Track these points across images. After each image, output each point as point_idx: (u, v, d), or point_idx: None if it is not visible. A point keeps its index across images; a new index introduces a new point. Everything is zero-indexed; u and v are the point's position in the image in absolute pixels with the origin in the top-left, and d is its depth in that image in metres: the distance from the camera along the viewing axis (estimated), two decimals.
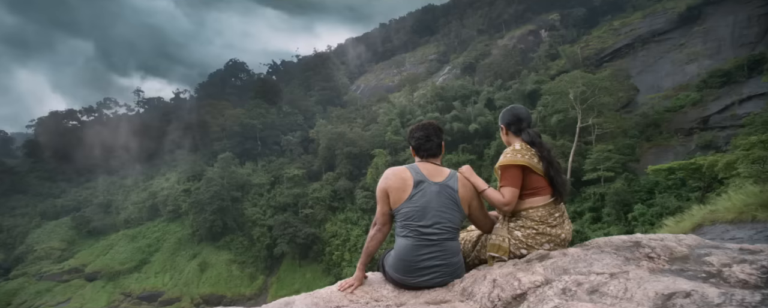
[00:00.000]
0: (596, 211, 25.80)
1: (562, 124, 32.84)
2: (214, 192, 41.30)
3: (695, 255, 1.82)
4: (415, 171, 2.23)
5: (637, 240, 2.09)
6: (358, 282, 2.30)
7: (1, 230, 47.83)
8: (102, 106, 78.99)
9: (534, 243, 2.24)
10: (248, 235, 41.52)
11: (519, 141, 2.38)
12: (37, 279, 40.51)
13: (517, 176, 2.24)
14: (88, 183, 56.15)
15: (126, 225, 46.60)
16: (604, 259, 1.86)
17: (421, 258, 2.13)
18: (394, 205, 2.21)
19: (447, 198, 2.18)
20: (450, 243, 2.20)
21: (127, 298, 36.72)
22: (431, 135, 2.32)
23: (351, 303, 2.13)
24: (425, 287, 2.18)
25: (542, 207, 2.24)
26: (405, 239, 2.18)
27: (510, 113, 2.47)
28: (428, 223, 2.14)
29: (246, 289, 37.25)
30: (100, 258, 41.19)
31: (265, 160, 51.98)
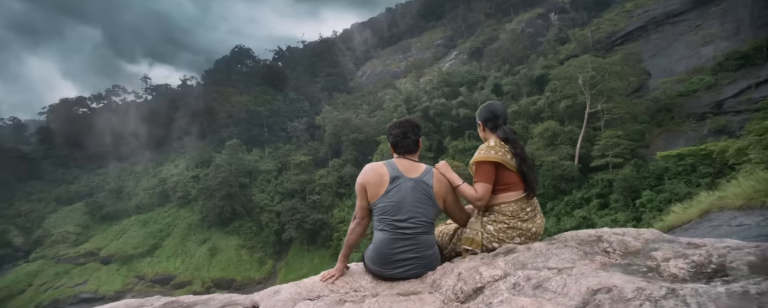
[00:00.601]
0: (604, 198, 25.61)
1: (571, 109, 32.33)
2: (223, 178, 41.82)
3: (646, 250, 1.93)
4: (392, 167, 2.32)
5: (599, 235, 2.20)
6: (340, 273, 2.41)
7: (19, 215, 49.29)
8: (111, 93, 79.73)
9: (505, 237, 2.33)
10: (257, 221, 42.17)
11: (494, 137, 2.45)
12: (55, 262, 41.88)
13: (490, 172, 2.32)
14: (100, 170, 57.26)
15: (137, 211, 47.65)
16: (563, 254, 1.98)
17: (397, 251, 2.23)
18: (371, 200, 2.30)
19: (422, 193, 2.27)
20: (424, 236, 2.29)
21: (140, 281, 37.86)
22: (408, 132, 2.39)
23: (331, 292, 2.27)
24: (401, 278, 2.28)
25: (514, 203, 2.33)
26: (381, 232, 2.28)
27: (486, 110, 2.53)
28: (403, 217, 2.23)
29: (255, 273, 38.08)
30: (113, 243, 42.35)
31: (272, 147, 52.29)
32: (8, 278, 40.35)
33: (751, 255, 1.56)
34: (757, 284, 1.30)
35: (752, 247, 1.65)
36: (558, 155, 28.91)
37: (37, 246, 45.07)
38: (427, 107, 43.83)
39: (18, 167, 55.86)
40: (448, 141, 41.25)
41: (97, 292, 37.06)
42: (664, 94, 30.31)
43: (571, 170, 27.46)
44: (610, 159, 26.19)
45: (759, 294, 1.24)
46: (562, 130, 31.06)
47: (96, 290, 37.22)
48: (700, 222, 6.55)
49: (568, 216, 26.20)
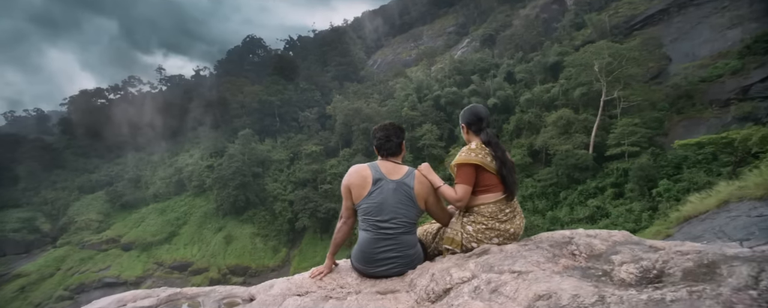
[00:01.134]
0: (619, 187, 25.08)
1: (586, 97, 31.54)
2: (236, 168, 42.51)
3: (609, 253, 2.02)
4: (375, 169, 2.40)
5: (572, 237, 2.30)
6: (328, 270, 2.53)
7: (45, 202, 51.31)
8: (127, 84, 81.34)
9: (483, 237, 2.42)
10: (270, 210, 42.87)
11: (477, 140, 2.51)
12: (80, 248, 43.68)
13: (470, 174, 2.39)
14: (119, 160, 58.92)
15: (155, 200, 49.01)
16: (532, 256, 2.06)
17: (379, 251, 2.33)
18: (355, 201, 2.39)
19: (403, 194, 2.35)
20: (406, 237, 2.38)
21: (159, 267, 39.18)
22: (391, 135, 2.47)
23: (319, 289, 2.40)
24: (384, 276, 2.38)
25: (493, 204, 2.41)
26: (365, 232, 2.39)
27: (470, 113, 2.58)
28: (385, 218, 2.33)
29: (269, 261, 38.91)
30: (133, 230, 43.80)
31: (283, 137, 52.74)
32: (38, 262, 42.31)
33: (690, 261, 1.61)
34: (675, 291, 1.37)
35: (696, 253, 1.70)
36: (572, 144, 28.35)
37: (63, 232, 46.99)
38: (438, 96, 43.36)
39: (43, 157, 57.93)
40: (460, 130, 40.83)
41: (119, 277, 38.58)
42: (686, 79, 29.13)
43: (585, 159, 26.93)
44: (626, 147, 25.55)
45: (672, 301, 1.31)
46: (576, 118, 30.37)
47: (118, 275, 38.74)
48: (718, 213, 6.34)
49: (582, 206, 25.81)
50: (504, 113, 39.06)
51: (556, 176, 28.86)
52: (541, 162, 32.19)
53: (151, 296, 3.61)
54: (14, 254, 45.71)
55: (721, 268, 1.50)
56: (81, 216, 47.76)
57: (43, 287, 39.00)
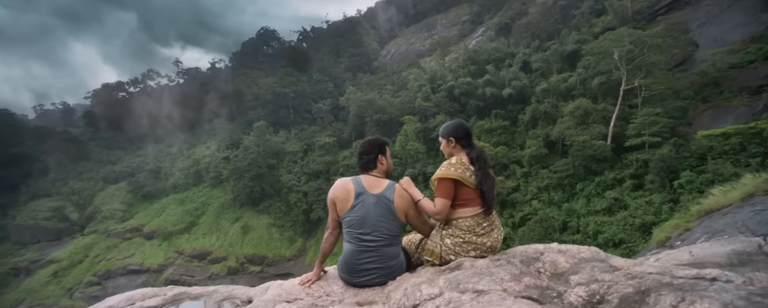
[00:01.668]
0: (638, 178, 24.38)
1: (605, 86, 30.57)
2: (251, 160, 43.23)
3: (570, 272, 2.12)
4: (358, 183, 2.51)
5: (542, 252, 2.44)
6: (316, 278, 2.67)
7: (73, 192, 53.54)
8: (146, 77, 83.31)
9: (461, 250, 2.51)
10: (285, 201, 43.55)
11: (463, 154, 2.60)
12: (106, 236, 45.54)
13: (450, 188, 2.47)
14: (140, 151, 60.77)
15: (174, 190, 50.44)
16: (499, 273, 2.16)
17: (361, 262, 2.45)
18: (340, 213, 2.51)
19: (384, 208, 2.44)
20: (387, 249, 2.48)
21: (180, 256, 40.51)
22: (366, 151, 2.62)
23: (307, 296, 2.55)
24: (366, 285, 2.49)
25: (471, 218, 2.49)
26: (348, 244, 2.50)
27: (462, 128, 2.67)
28: (367, 231, 2.43)
29: (286, 251, 39.68)
30: (155, 220, 45.31)
31: (297, 128, 53.21)
32: (68, 249, 44.42)
33: (631, 287, 1.70)
34: None
35: (640, 278, 1.80)
36: (589, 134, 27.61)
37: (90, 221, 49.04)
38: (452, 86, 42.78)
39: (69, 149, 60.30)
40: (474, 121, 40.24)
41: (142, 265, 40.11)
42: (713, 66, 27.78)
43: (604, 150, 26.22)
44: (647, 138, 24.71)
45: None
46: (594, 108, 29.52)
47: (142, 263, 40.27)
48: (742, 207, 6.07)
49: (599, 198, 25.25)
50: (519, 103, 38.29)
51: (573, 167, 28.24)
52: (557, 153, 31.53)
53: (158, 295, 3.97)
54: (47, 241, 48.10)
55: (651, 296, 1.58)
56: (106, 205, 49.68)
57: (73, 273, 40.96)
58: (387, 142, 2.73)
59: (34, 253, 45.90)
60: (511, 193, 30.89)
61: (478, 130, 38.74)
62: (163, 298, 3.78)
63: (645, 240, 18.76)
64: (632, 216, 21.80)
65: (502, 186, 30.47)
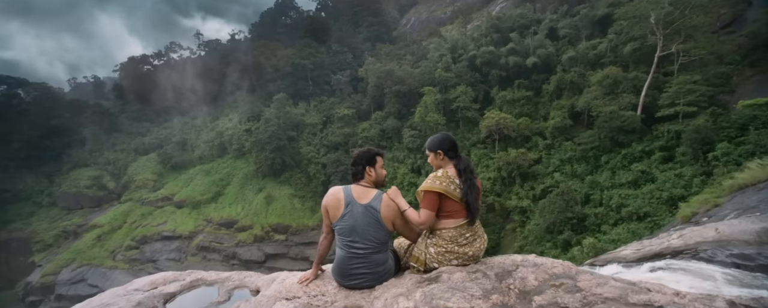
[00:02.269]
0: (668, 151, 23.27)
1: (638, 53, 28.66)
2: (272, 132, 43.94)
3: (536, 291, 2.26)
4: (348, 193, 2.69)
5: (517, 265, 2.62)
6: (313, 277, 2.91)
7: (109, 163, 56.63)
8: (169, 50, 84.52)
9: (443, 259, 2.68)
10: (305, 172, 44.48)
11: (451, 166, 2.71)
12: (140, 204, 48.34)
13: (434, 201, 2.60)
14: (166, 124, 62.84)
15: (200, 161, 52.35)
16: (472, 288, 2.32)
17: (351, 267, 2.65)
18: (332, 220, 2.70)
19: (371, 217, 2.60)
20: (375, 256, 2.66)
21: (209, 224, 42.64)
22: (354, 163, 2.79)
23: (304, 294, 2.77)
24: (357, 288, 2.70)
25: (454, 229, 2.64)
26: (339, 250, 2.70)
27: (449, 140, 2.76)
28: (356, 239, 2.62)
29: (308, 220, 40.97)
30: (183, 189, 47.50)
31: (316, 100, 53.26)
32: (108, 215, 47.59)
33: None
34: None
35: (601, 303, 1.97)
36: (618, 104, 26.29)
37: (126, 190, 52.03)
38: (473, 56, 41.24)
39: (102, 121, 63.11)
40: (496, 91, 39.03)
41: (175, 231, 42.60)
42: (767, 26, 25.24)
43: (632, 121, 24.99)
44: (682, 108, 23.28)
45: None
46: (624, 76, 27.88)
47: (174, 230, 42.75)
48: None
49: (625, 170, 24.39)
50: (544, 73, 36.64)
51: (599, 139, 27.20)
52: (582, 125, 30.35)
53: (178, 280, 4.42)
54: (89, 207, 51.69)
55: None
56: (138, 175, 52.37)
57: (114, 237, 44.09)
58: (378, 153, 2.83)
59: (79, 218, 49.56)
60: (532, 166, 30.28)
61: (500, 101, 37.59)
62: (182, 284, 4.22)
63: (672, 214, 18.17)
64: (660, 189, 21.02)
65: (523, 159, 29.88)
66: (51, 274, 40.69)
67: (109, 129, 62.81)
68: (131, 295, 3.99)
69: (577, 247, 21.49)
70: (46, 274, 41.00)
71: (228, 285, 4.04)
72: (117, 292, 4.35)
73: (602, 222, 22.52)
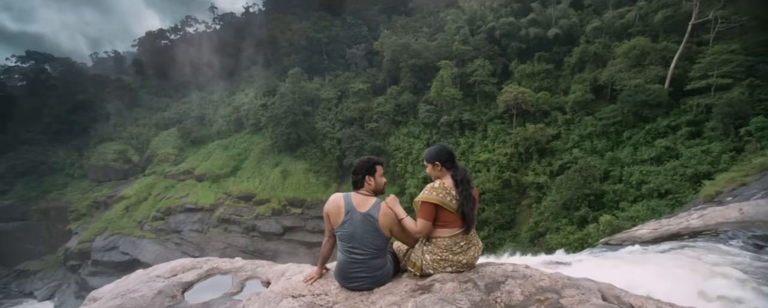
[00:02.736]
0: (697, 125, 22.18)
1: (669, 21, 26.86)
2: (287, 107, 44.09)
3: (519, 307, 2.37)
4: (348, 201, 2.83)
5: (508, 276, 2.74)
6: (318, 276, 3.15)
7: (132, 137, 58.51)
8: (185, 24, 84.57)
9: (438, 266, 2.83)
10: (320, 147, 44.81)
11: (448, 177, 2.83)
12: (163, 177, 50.14)
13: (430, 211, 2.73)
14: (185, 98, 63.79)
15: (219, 136, 53.38)
16: (460, 301, 2.42)
17: (351, 272, 2.83)
18: (333, 226, 2.86)
19: (369, 225, 2.74)
20: (374, 261, 2.83)
21: (228, 197, 44.00)
22: (355, 172, 2.91)
23: (309, 293, 3.00)
24: (357, 290, 2.88)
25: (449, 238, 2.78)
26: (341, 254, 2.88)
27: (446, 151, 2.88)
28: (355, 246, 2.78)
29: (322, 195, 41.68)
30: (203, 163, 48.84)
31: (331, 75, 52.79)
32: (134, 187, 49.73)
33: None
34: None
35: None
36: (644, 77, 24.98)
37: (149, 163, 53.98)
38: (492, 27, 39.61)
39: (124, 96, 64.71)
40: (515, 64, 37.68)
41: (197, 204, 44.22)
42: None
43: (659, 94, 23.78)
44: (715, 79, 21.94)
45: None
46: (653, 47, 26.30)
47: (196, 202, 44.37)
48: None
49: (648, 146, 23.50)
50: (566, 44, 34.97)
51: (622, 114, 26.12)
52: (604, 99, 29.15)
53: (195, 268, 4.85)
54: (116, 180, 54.09)
55: None
56: (160, 149, 54.03)
57: (141, 208, 46.25)
58: (377, 162, 2.95)
59: (108, 190, 52.05)
60: (550, 141, 29.54)
61: (519, 74, 36.32)
62: (199, 273, 4.61)
63: (695, 191, 17.53)
64: (684, 165, 20.22)
65: (541, 134, 29.15)
66: (87, 241, 43.37)
67: (131, 104, 64.41)
68: (153, 282, 4.38)
69: (593, 224, 21.20)
70: (82, 241, 43.74)
71: (241, 276, 4.36)
72: (141, 278, 4.80)
73: (621, 199, 22.00)
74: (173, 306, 3.73)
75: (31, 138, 58.04)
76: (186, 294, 4.11)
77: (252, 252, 39.33)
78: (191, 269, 4.73)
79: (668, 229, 10.89)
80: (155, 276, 4.64)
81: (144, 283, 4.39)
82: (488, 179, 30.85)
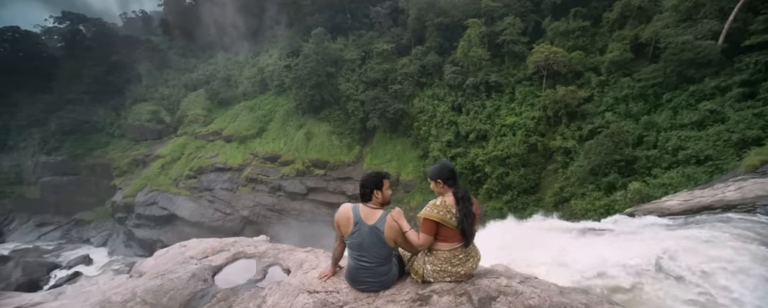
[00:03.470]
0: (751, 86, 20.21)
1: None
2: (311, 68, 43.73)
3: None
4: (356, 213, 3.09)
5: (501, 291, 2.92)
6: (331, 274, 3.58)
7: (163, 98, 60.46)
8: None
9: (438, 276, 3.10)
10: (344, 109, 44.74)
11: (449, 194, 3.05)
12: (194, 138, 52.23)
13: (432, 227, 3.00)
14: (211, 59, 64.44)
15: (244, 98, 54.20)
16: None
17: (360, 276, 3.19)
18: (343, 234, 3.17)
19: (375, 237, 3.01)
20: (380, 268, 3.15)
21: (255, 158, 45.50)
22: (363, 186, 3.13)
23: (322, 290, 3.36)
24: (365, 292, 3.22)
25: (448, 251, 3.06)
26: (351, 260, 3.22)
27: (447, 170, 3.08)
28: (363, 255, 3.09)
29: (345, 157, 42.29)
30: (230, 124, 50.22)
31: (355, 35, 51.38)
32: (168, 147, 52.26)
33: None
34: None
35: None
36: (694, 33, 22.68)
37: (180, 124, 56.10)
38: None
39: (153, 57, 66.13)
40: (548, 21, 35.17)
41: (226, 163, 46.11)
42: None
43: (710, 52, 21.63)
44: None
45: None
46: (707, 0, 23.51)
47: (225, 162, 46.24)
48: None
49: (690, 109, 21.86)
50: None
51: (664, 74, 24.15)
52: (645, 58, 26.93)
53: (224, 250, 5.32)
54: (152, 139, 56.86)
55: None
56: (190, 110, 55.78)
57: (175, 167, 48.82)
58: (384, 176, 3.17)
59: (145, 149, 55.02)
60: (581, 104, 28.03)
61: (552, 32, 33.92)
62: (227, 256, 5.09)
63: (739, 158, 16.42)
64: (730, 130, 18.74)
65: (572, 97, 27.66)
66: (130, 196, 46.76)
67: (161, 65, 65.85)
68: (188, 264, 4.93)
69: (621, 191, 20.49)
70: (126, 196, 47.19)
71: (264, 262, 4.80)
72: (177, 257, 5.33)
73: (654, 165, 20.91)
74: (205, 289, 4.22)
75: (74, 98, 61.25)
76: (216, 278, 4.56)
77: (279, 210, 41.20)
78: (220, 251, 5.25)
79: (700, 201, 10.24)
80: (189, 257, 5.17)
81: (180, 264, 4.94)
82: (513, 143, 30.04)
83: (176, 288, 4.25)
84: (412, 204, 34.76)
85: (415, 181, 36.72)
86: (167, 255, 5.53)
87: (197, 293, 4.15)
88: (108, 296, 4.44)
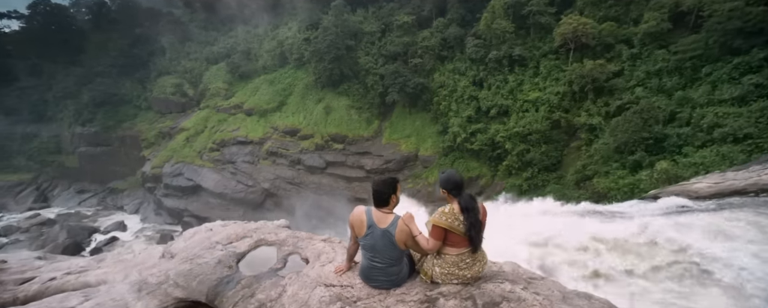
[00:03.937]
0: None
1: None
2: (330, 41, 43.11)
3: None
4: (369, 216, 3.25)
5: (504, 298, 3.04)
6: (347, 269, 3.80)
7: (186, 71, 61.27)
8: None
9: (446, 279, 3.28)
10: (363, 83, 44.29)
11: (455, 203, 3.17)
12: (216, 111, 53.15)
13: (440, 233, 3.16)
14: (231, 32, 64.33)
15: (264, 71, 54.29)
16: None
17: (372, 274, 3.41)
18: (357, 235, 3.35)
19: (387, 240, 3.18)
20: (391, 268, 3.34)
21: (275, 131, 46.13)
22: (379, 191, 3.23)
23: (338, 284, 3.57)
24: (377, 289, 3.42)
25: (456, 255, 3.22)
26: (364, 260, 3.45)
27: (450, 180, 3.22)
28: (376, 256, 3.30)
29: (364, 131, 42.29)
30: (251, 98, 50.75)
31: (375, 6, 49.94)
32: (192, 120, 53.67)
33: None
34: None
35: None
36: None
37: (203, 97, 57.16)
38: None
39: (176, 30, 66.64)
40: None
41: (247, 137, 47.04)
42: None
43: (762, 19, 19.91)
44: None
45: None
46: None
47: (246, 135, 47.17)
48: None
49: (732, 83, 20.48)
50: None
51: (705, 46, 22.51)
52: (685, 28, 25.09)
53: (247, 236, 5.59)
54: (176, 112, 58.45)
55: None
56: (212, 84, 56.56)
57: (199, 139, 50.29)
58: (397, 180, 3.33)
59: (170, 121, 56.73)
60: (610, 79, 26.68)
61: (582, 2, 31.93)
62: (250, 243, 5.36)
63: None
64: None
65: (601, 71, 26.32)
66: (157, 167, 48.82)
67: (183, 38, 66.41)
68: (214, 249, 5.25)
69: (647, 171, 19.77)
70: (154, 167, 49.30)
71: (284, 251, 5.07)
72: (203, 243, 5.60)
73: (685, 143, 19.92)
74: (231, 275, 4.56)
75: (103, 71, 63.12)
76: (240, 265, 4.87)
77: (298, 184, 42.12)
78: (244, 237, 5.58)
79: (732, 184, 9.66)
80: (215, 242, 5.51)
81: (207, 249, 5.29)
82: (536, 119, 29.16)
83: (204, 273, 4.64)
84: (430, 180, 34.76)
85: (433, 157, 36.52)
86: (195, 239, 5.97)
87: (223, 278, 4.51)
88: (145, 277, 5.13)
